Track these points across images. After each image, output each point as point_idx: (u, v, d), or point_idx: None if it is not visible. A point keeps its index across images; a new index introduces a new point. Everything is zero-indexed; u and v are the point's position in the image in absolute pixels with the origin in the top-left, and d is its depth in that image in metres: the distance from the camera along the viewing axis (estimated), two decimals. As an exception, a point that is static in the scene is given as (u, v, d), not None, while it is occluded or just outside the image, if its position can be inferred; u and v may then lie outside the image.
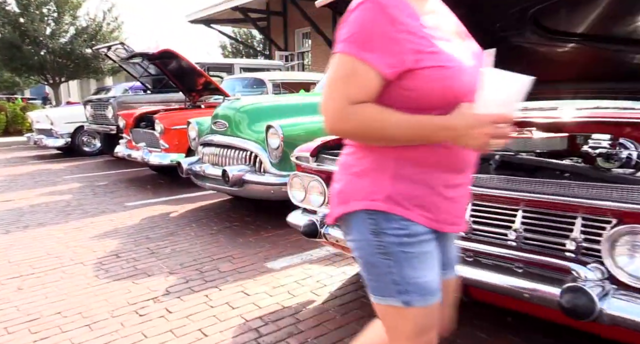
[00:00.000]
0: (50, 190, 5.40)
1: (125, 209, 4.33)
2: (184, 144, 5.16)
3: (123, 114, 6.09)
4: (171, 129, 5.08)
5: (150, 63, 6.07)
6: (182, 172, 3.98)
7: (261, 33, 16.88)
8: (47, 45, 16.98)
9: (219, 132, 3.73)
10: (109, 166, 7.35)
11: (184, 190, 5.10)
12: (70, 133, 8.53)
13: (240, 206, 4.27)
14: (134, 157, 5.58)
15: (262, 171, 3.39)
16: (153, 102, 7.29)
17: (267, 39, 17.01)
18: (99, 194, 5.09)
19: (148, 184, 5.65)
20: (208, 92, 6.51)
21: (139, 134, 5.67)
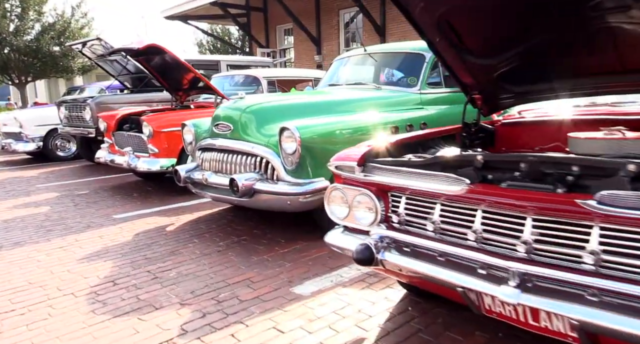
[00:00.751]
0: (24, 201, 4.86)
1: (114, 222, 3.87)
2: (175, 148, 4.72)
3: (103, 115, 5.57)
4: (161, 131, 4.63)
5: (132, 60, 5.58)
6: (179, 181, 3.56)
7: (241, 29, 16.36)
8: (10, 43, 15.96)
9: (222, 136, 3.34)
10: (87, 172, 6.78)
11: (177, 198, 4.66)
12: (42, 137, 7.89)
13: (243, 216, 3.89)
14: (119, 163, 5.08)
15: (274, 179, 3.03)
16: (134, 103, 6.77)
17: (247, 36, 16.49)
18: (81, 205, 4.59)
19: (134, 192, 5.17)
20: (196, 91, 6.06)
21: (123, 137, 5.18)
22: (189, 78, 5.60)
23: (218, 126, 3.40)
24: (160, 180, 5.70)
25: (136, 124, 5.44)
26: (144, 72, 7.06)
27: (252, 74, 5.56)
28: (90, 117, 6.42)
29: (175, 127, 4.70)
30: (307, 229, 3.39)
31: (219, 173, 3.33)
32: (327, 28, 13.57)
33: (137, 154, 4.91)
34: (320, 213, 3.07)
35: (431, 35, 1.98)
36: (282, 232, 3.35)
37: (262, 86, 5.41)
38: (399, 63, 3.98)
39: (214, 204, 4.31)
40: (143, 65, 5.61)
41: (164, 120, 4.70)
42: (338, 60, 4.61)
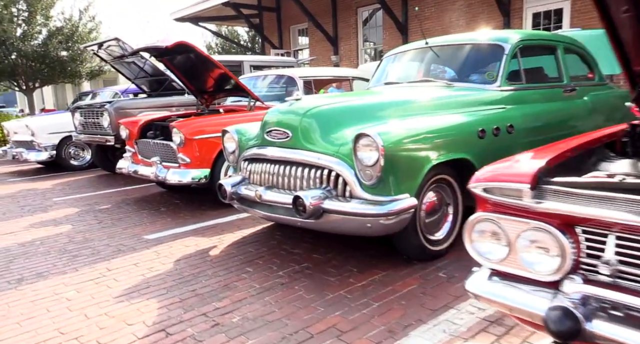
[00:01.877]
0: (42, 219, 4.39)
1: (147, 244, 3.38)
2: (208, 158, 4.24)
3: (125, 122, 5.10)
4: (193, 139, 4.14)
5: (155, 60, 5.11)
6: (224, 197, 3.07)
7: (254, 30, 15.89)
8: (18, 48, 15.57)
9: (277, 144, 2.84)
10: (105, 183, 6.31)
11: (210, 213, 4.17)
12: (55, 145, 7.44)
13: (293, 235, 3.38)
14: (144, 175, 4.60)
15: (346, 196, 2.52)
16: (154, 107, 6.30)
17: (260, 37, 16.03)
18: (106, 222, 4.11)
19: (161, 205, 4.69)
20: (223, 94, 5.58)
21: (148, 146, 4.70)
22: (217, 79, 5.13)
23: (271, 132, 2.90)
24: (188, 191, 5.22)
25: (161, 131, 4.98)
26: (163, 75, 6.62)
27: (286, 74, 5.06)
28: (108, 123, 5.95)
29: (208, 134, 4.22)
30: (377, 252, 2.88)
31: (273, 188, 2.83)
32: (345, 27, 13.08)
33: (165, 165, 4.43)
34: (401, 237, 2.58)
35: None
36: (348, 258, 2.85)
37: (297, 86, 4.92)
38: (471, 56, 3.47)
39: (255, 221, 3.81)
40: (167, 66, 5.14)
41: (196, 126, 4.21)
42: (389, 56, 4.11)
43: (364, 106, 2.89)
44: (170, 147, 4.33)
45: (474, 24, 9.88)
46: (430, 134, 2.57)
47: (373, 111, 2.83)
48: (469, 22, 10.07)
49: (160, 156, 4.48)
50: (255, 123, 3.50)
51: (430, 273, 2.52)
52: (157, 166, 4.39)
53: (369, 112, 2.81)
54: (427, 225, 2.69)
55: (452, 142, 2.65)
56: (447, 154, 2.60)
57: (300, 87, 4.91)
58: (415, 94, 3.14)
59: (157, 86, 7.13)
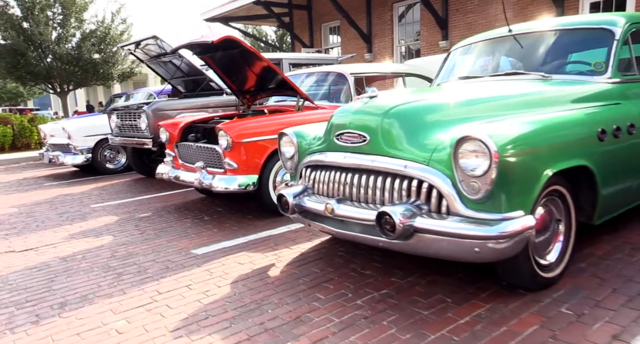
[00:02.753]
0: (82, 228, 4.13)
1: (197, 260, 3.04)
2: (257, 163, 3.88)
3: (165, 124, 4.81)
4: (241, 143, 3.79)
5: (196, 58, 4.80)
6: (285, 209, 2.69)
7: (284, 29, 15.58)
8: (53, 51, 15.78)
9: (351, 149, 2.44)
10: (142, 188, 6.07)
11: (258, 224, 3.80)
12: (91, 148, 7.28)
13: (358, 252, 2.96)
14: (187, 181, 4.29)
15: (442, 213, 2.10)
16: (192, 109, 6.02)
17: (290, 35, 15.71)
18: (148, 233, 3.80)
19: (204, 214, 4.36)
20: (266, 93, 5.23)
21: (190, 150, 4.39)
22: (261, 77, 4.78)
23: (342, 136, 2.50)
24: (229, 198, 4.89)
25: (203, 134, 4.67)
26: (201, 74, 6.33)
27: (335, 70, 4.66)
28: (146, 126, 5.70)
29: (257, 136, 3.86)
30: (467, 276, 2.44)
31: (346, 201, 2.43)
32: (380, 23, 12.59)
33: (209, 170, 4.10)
34: (509, 262, 2.13)
35: None
36: (434, 283, 2.40)
37: (348, 83, 4.51)
38: (568, 44, 2.97)
39: (311, 233, 3.42)
40: (209, 63, 4.83)
41: (244, 128, 3.86)
42: (460, 48, 3.64)
43: (455, 103, 2.44)
44: (216, 151, 3.99)
45: (523, 17, 9.23)
46: (547, 136, 2.10)
47: (466, 108, 2.39)
48: (517, 14, 9.43)
49: (204, 161, 4.15)
50: (313, 125, 3.12)
51: (549, 307, 2.05)
52: (201, 171, 4.07)
53: (463, 111, 2.36)
54: (536, 247, 2.24)
55: (571, 146, 2.18)
56: (567, 160, 2.13)
57: (352, 85, 4.50)
58: (510, 89, 2.67)
59: (194, 86, 6.87)
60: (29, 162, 10.76)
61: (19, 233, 4.07)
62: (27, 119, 13.75)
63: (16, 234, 4.05)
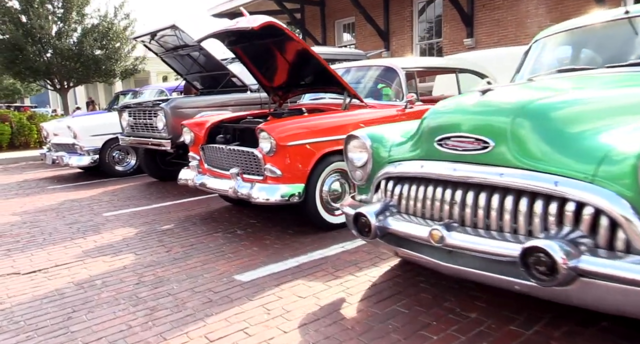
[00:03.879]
0: (96, 243, 3.56)
1: (244, 291, 2.49)
2: (304, 170, 3.33)
3: (190, 123, 4.25)
4: (286, 146, 3.25)
5: (229, 48, 4.24)
6: (364, 232, 2.13)
7: (295, 26, 15.02)
8: (53, 46, 15.16)
9: (463, 158, 1.89)
10: (156, 193, 5.50)
11: (304, 241, 3.24)
12: (99, 149, 6.71)
13: (442, 282, 2.42)
14: (217, 190, 3.74)
15: (618, 250, 1.56)
16: (213, 106, 5.47)
17: (301, 32, 15.15)
18: (176, 251, 3.25)
19: (236, 227, 3.81)
20: (301, 90, 4.69)
21: (220, 153, 3.84)
22: (299, 72, 4.23)
23: (447, 141, 1.95)
24: (262, 208, 4.32)
25: (233, 135, 4.12)
26: (223, 69, 5.78)
27: (383, 64, 4.12)
28: (164, 125, 5.14)
29: (306, 139, 3.32)
30: (615, 327, 1.89)
31: (455, 227, 1.88)
32: (398, 20, 12.06)
33: (246, 177, 3.55)
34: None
35: None
36: (572, 335, 1.86)
37: (399, 79, 3.97)
38: None
39: (373, 254, 2.87)
40: (239, 55, 4.28)
41: (290, 129, 3.31)
42: (547, 38, 3.09)
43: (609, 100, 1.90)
44: (254, 155, 3.44)
45: (557, 13, 8.72)
46: None
47: (621, 107, 1.85)
48: (551, 10, 8.91)
49: (241, 167, 3.60)
50: (389, 126, 2.58)
51: None
52: (236, 179, 3.52)
53: (622, 109, 1.83)
54: None
55: None
56: None
57: (403, 81, 3.96)
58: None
59: (211, 82, 6.31)
60: (28, 163, 10.16)
61: (24, 249, 3.50)
62: (26, 117, 13.15)
63: (20, 249, 3.49)
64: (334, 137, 3.43)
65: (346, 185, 3.62)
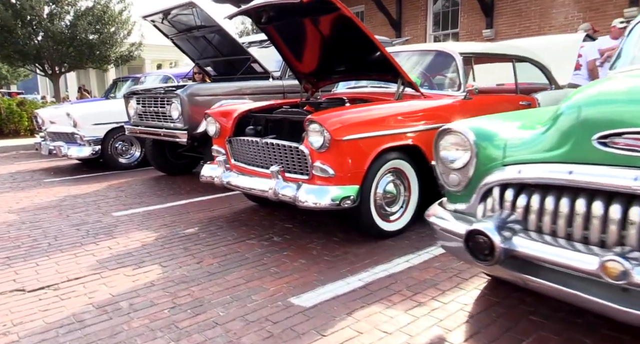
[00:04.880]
0: (111, 250, 3.04)
1: (309, 320, 2.02)
2: (360, 169, 2.85)
3: (214, 112, 3.73)
4: (341, 140, 2.76)
5: (260, 27, 3.72)
6: (484, 256, 1.66)
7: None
8: (45, 28, 14.35)
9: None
10: (167, 189, 4.97)
11: (360, 251, 2.77)
12: (100, 139, 6.14)
13: (575, 317, 2.00)
14: (251, 189, 3.23)
15: None
16: (233, 94, 4.93)
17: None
18: (209, 263, 2.74)
19: (271, 232, 3.32)
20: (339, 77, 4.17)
21: (252, 147, 3.33)
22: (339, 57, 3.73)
23: (616, 138, 1.49)
24: (293, 208, 3.78)
25: (265, 126, 3.62)
26: (243, 52, 5.24)
27: (437, 49, 3.64)
28: (179, 114, 4.59)
29: (364, 132, 2.83)
30: None
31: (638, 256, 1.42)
32: (412, 9, 11.53)
33: (288, 176, 3.05)
34: None
35: None
36: None
37: (456, 66, 3.49)
38: None
39: (451, 272, 2.41)
40: (271, 36, 3.76)
41: (348, 120, 2.82)
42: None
43: None
44: (300, 151, 2.95)
45: (586, 3, 8.28)
46: None
47: None
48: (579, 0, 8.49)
49: (283, 165, 3.10)
50: (494, 117, 2.11)
51: None
52: (277, 178, 3.03)
53: None
54: None
55: None
56: None
57: (460, 67, 3.48)
58: None
59: (226, 67, 5.77)
60: (19, 152, 9.51)
61: (26, 257, 2.97)
62: (16, 103, 12.41)
63: (22, 257, 2.96)
64: (393, 131, 2.96)
65: (401, 187, 3.16)
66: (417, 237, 3.07)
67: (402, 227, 3.13)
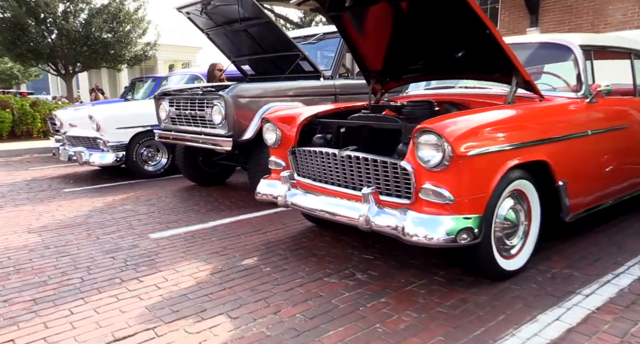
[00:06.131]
0: (161, 290, 2.40)
1: None
2: (485, 192, 2.22)
3: (274, 117, 3.12)
4: (466, 156, 2.14)
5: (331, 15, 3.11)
6: None
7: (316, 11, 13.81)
8: (59, 27, 13.86)
9: None
10: (205, 204, 4.34)
11: (483, 300, 2.14)
12: (125, 144, 5.57)
13: None
14: (332, 215, 2.62)
15: None
16: (283, 96, 4.32)
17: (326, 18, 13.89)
18: (298, 321, 2.08)
19: (351, 267, 2.70)
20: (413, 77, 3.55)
21: (330, 161, 2.72)
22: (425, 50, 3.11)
23: None
24: (363, 233, 3.13)
25: (336, 134, 3.00)
26: (291, 49, 4.63)
27: (551, 41, 3.00)
28: (222, 118, 3.98)
29: (493, 145, 2.20)
30: None
31: None
32: (446, 6, 10.87)
33: (383, 200, 2.44)
34: None
35: None
36: None
37: (575, 60, 2.85)
38: None
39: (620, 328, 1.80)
40: (344, 28, 3.14)
41: (476, 130, 2.20)
42: None
43: None
44: (401, 168, 2.33)
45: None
46: None
47: None
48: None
49: (367, 183, 2.48)
50: None
51: None
52: (370, 203, 2.40)
53: None
54: None
55: None
56: None
57: (581, 62, 2.83)
58: None
59: (266, 66, 5.18)
60: (33, 156, 8.98)
61: (57, 300, 2.35)
62: (29, 104, 11.91)
63: (52, 302, 2.34)
64: (523, 143, 2.32)
65: (521, 213, 2.53)
66: (544, 279, 2.43)
67: (523, 264, 2.51)
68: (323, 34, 5.00)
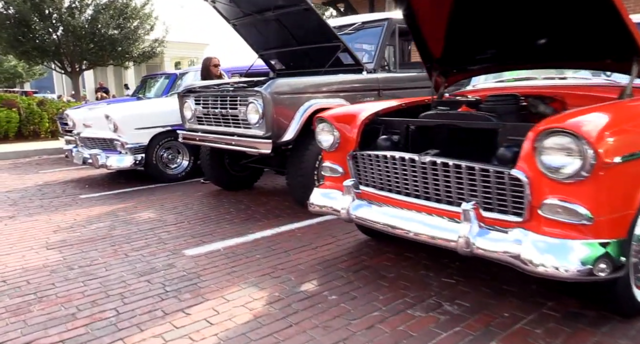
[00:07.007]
0: (213, 327, 1.96)
1: None
2: (630, 211, 1.78)
3: (331, 116, 2.69)
4: (612, 164, 1.70)
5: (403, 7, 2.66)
6: None
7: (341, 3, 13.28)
8: (65, 23, 13.43)
9: None
10: (237, 212, 3.90)
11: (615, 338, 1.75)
12: (144, 146, 5.14)
13: None
14: (417, 234, 2.19)
15: None
16: (324, 92, 3.89)
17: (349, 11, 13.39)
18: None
19: (434, 294, 2.26)
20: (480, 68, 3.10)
21: (409, 168, 2.27)
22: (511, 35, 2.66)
23: None
24: (430, 247, 2.71)
25: (405, 135, 2.56)
26: (332, 39, 4.17)
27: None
28: (259, 117, 3.55)
29: None
30: None
31: None
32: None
33: (487, 217, 2.00)
34: None
35: None
36: None
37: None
38: None
39: None
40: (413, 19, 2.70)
41: (620, 131, 1.75)
42: None
43: None
44: (511, 178, 1.89)
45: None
46: None
47: None
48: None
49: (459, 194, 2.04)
50: None
51: None
52: (470, 222, 1.96)
53: None
54: None
55: None
56: None
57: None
58: None
59: (296, 59, 4.74)
60: (42, 157, 8.59)
61: (92, 341, 1.94)
62: (36, 103, 11.51)
63: (84, 342, 1.95)
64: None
65: (651, 231, 2.08)
66: (683, 312, 2.00)
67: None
68: (362, 23, 4.56)
